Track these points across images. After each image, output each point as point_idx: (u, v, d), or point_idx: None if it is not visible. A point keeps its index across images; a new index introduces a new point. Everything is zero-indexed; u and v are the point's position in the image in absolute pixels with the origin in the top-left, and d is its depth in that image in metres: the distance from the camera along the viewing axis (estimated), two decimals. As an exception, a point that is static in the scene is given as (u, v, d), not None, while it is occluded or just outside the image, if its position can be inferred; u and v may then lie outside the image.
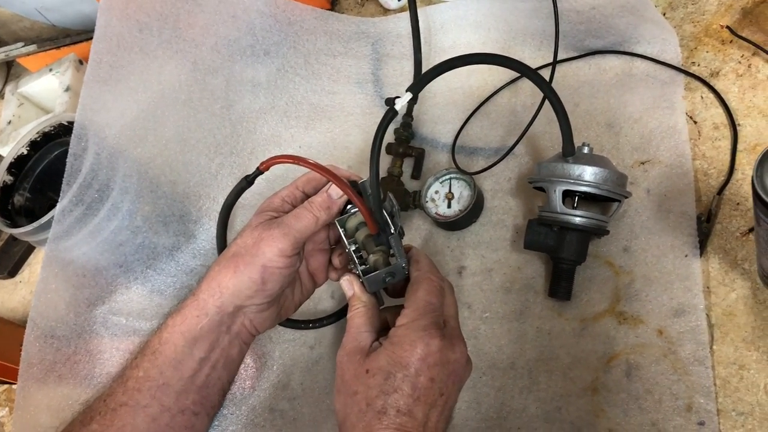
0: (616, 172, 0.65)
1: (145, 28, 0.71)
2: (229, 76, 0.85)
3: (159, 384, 0.62)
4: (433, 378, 0.53)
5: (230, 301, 0.61)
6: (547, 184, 0.67)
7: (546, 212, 0.67)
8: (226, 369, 0.65)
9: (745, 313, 0.62)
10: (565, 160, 0.65)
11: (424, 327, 0.55)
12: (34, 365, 0.68)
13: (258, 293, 0.61)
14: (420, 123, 0.86)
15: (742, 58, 0.72)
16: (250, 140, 0.89)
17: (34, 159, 0.82)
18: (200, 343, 0.62)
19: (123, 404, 0.62)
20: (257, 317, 0.64)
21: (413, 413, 0.52)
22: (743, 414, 0.58)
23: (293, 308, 0.69)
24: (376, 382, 0.53)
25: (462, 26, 0.88)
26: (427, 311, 0.56)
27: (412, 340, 0.54)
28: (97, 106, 0.69)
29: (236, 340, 0.64)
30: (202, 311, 0.62)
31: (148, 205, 0.75)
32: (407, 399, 0.52)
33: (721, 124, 0.70)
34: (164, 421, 0.61)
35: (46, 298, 0.69)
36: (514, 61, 0.62)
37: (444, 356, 0.54)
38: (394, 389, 0.52)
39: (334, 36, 0.93)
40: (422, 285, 0.58)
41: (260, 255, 0.60)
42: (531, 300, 0.71)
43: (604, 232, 0.67)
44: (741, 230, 0.65)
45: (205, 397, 0.63)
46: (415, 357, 0.53)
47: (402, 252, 0.60)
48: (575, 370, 0.66)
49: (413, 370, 0.53)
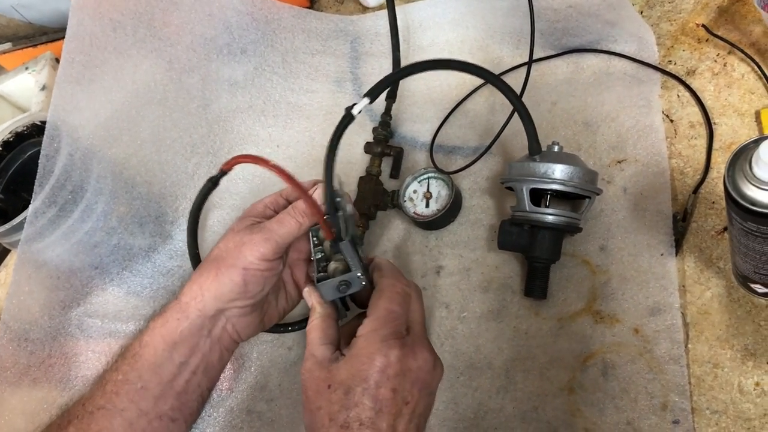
0: (586, 169, 0.65)
1: (119, 27, 0.70)
2: (206, 75, 0.84)
3: (137, 388, 0.61)
4: (395, 389, 0.53)
5: (212, 304, 0.61)
6: (515, 183, 0.67)
7: (516, 212, 0.68)
8: (206, 375, 0.64)
9: (720, 311, 0.62)
10: (533, 159, 0.66)
11: (383, 337, 0.54)
12: (7, 369, 0.68)
13: (240, 296, 0.61)
14: (399, 122, 0.86)
15: (718, 56, 0.72)
16: (227, 140, 0.88)
17: (7, 159, 0.81)
18: (180, 347, 0.62)
19: (101, 407, 0.61)
20: (239, 322, 0.63)
21: (377, 425, 0.52)
22: (717, 412, 0.59)
23: (277, 316, 0.68)
24: (337, 397, 0.53)
25: (440, 24, 0.88)
26: (388, 320, 0.56)
27: (371, 353, 0.54)
28: (70, 106, 0.68)
29: (217, 346, 0.63)
30: (183, 314, 0.62)
31: (124, 206, 0.74)
32: (369, 412, 0.52)
33: (697, 123, 0.70)
34: (141, 426, 0.61)
35: (19, 300, 0.68)
36: (476, 66, 0.62)
37: (404, 365, 0.54)
38: (354, 404, 0.52)
39: (312, 34, 0.92)
40: (384, 293, 0.58)
41: (242, 258, 0.60)
42: (508, 299, 0.71)
43: (577, 229, 0.67)
44: (716, 229, 0.65)
45: (183, 403, 0.63)
46: (374, 369, 0.53)
47: (356, 260, 0.59)
48: (552, 370, 0.66)
49: (372, 383, 0.53)
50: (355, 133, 0.87)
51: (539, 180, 0.65)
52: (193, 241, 0.70)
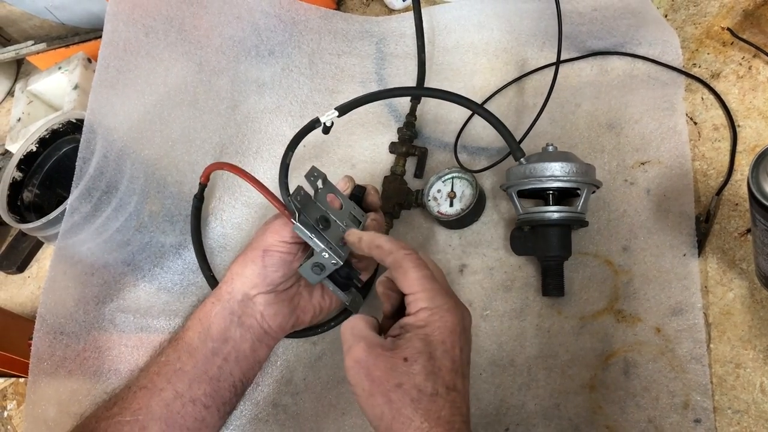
0: (576, 163, 0.66)
1: (152, 32, 0.72)
2: (234, 76, 0.86)
3: (176, 369, 0.65)
4: (462, 347, 0.54)
5: (239, 288, 0.66)
6: (507, 189, 0.70)
7: (517, 216, 0.70)
8: (238, 365, 0.66)
9: (743, 312, 0.62)
10: (519, 163, 0.68)
11: (443, 301, 0.54)
12: (44, 361, 0.70)
13: (261, 278, 0.65)
14: (423, 122, 0.87)
15: (743, 60, 0.73)
16: (255, 140, 0.90)
17: (43, 156, 0.84)
18: (213, 331, 0.65)
19: (143, 387, 0.65)
20: (267, 311, 0.66)
21: (457, 386, 0.52)
22: (739, 412, 0.59)
23: (312, 311, 0.70)
24: (420, 366, 0.51)
25: (465, 27, 0.89)
26: (433, 285, 0.54)
27: (441, 316, 0.53)
28: (105, 110, 0.70)
29: (248, 335, 0.66)
30: (216, 298, 0.67)
31: (156, 204, 0.76)
32: (452, 374, 0.52)
33: (720, 126, 0.71)
34: (176, 408, 0.63)
35: (55, 295, 0.70)
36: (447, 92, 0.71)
37: (463, 323, 0.55)
38: (438, 368, 0.51)
39: (338, 35, 0.94)
40: (405, 263, 0.56)
41: (263, 241, 0.65)
42: (531, 298, 0.72)
43: (582, 223, 0.69)
44: (739, 230, 0.65)
45: (216, 390, 0.65)
46: (448, 330, 0.53)
47: (320, 240, 0.62)
48: (574, 368, 0.67)
49: (449, 343, 0.52)
50: (379, 133, 0.88)
51: (524, 181, 0.67)
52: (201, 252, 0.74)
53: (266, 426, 0.75)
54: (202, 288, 0.82)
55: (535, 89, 0.83)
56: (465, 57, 0.88)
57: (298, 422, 0.74)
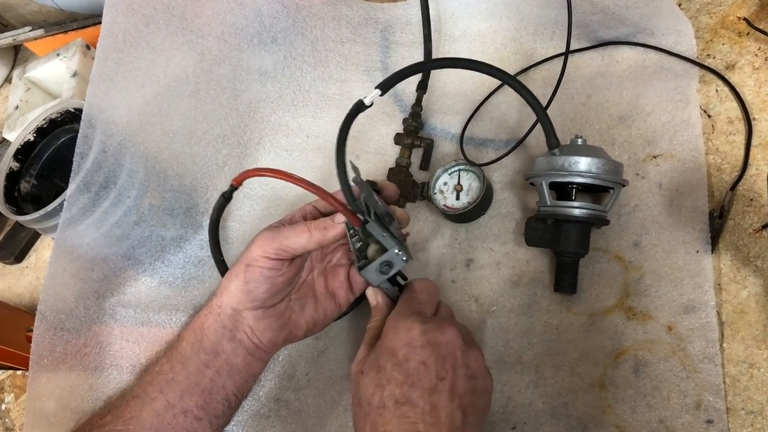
0: (609, 160, 0.65)
1: (152, 22, 0.70)
2: (236, 65, 0.84)
3: (168, 379, 0.63)
4: (424, 361, 0.52)
5: (227, 302, 0.63)
6: (536, 178, 0.67)
7: (540, 207, 0.68)
8: (230, 378, 0.64)
9: (757, 311, 0.61)
10: (552, 153, 0.66)
11: (406, 315, 0.55)
12: (44, 357, 0.69)
13: (244, 294, 0.61)
14: (429, 113, 0.85)
15: (759, 50, 0.71)
16: (258, 130, 0.88)
17: (41, 145, 0.82)
18: (205, 343, 0.63)
19: (135, 396, 0.64)
20: (257, 326, 0.63)
21: (412, 400, 0.51)
22: (753, 413, 0.58)
23: (305, 325, 0.67)
24: (370, 379, 0.53)
25: (473, 15, 0.87)
26: (412, 303, 0.57)
27: (395, 328, 0.54)
28: (104, 104, 0.68)
29: (240, 349, 0.64)
30: (209, 310, 0.64)
31: (156, 197, 0.75)
32: (402, 387, 0.51)
33: (735, 119, 0.69)
34: (167, 419, 0.62)
35: (55, 291, 0.69)
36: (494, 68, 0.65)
37: (431, 338, 0.53)
38: (387, 380, 0.52)
39: (342, 21, 0.92)
40: (409, 287, 0.62)
41: (247, 255, 0.61)
42: (539, 294, 0.70)
43: (604, 221, 0.67)
44: (754, 227, 0.64)
45: (208, 402, 0.63)
46: (400, 343, 0.53)
47: (389, 238, 0.59)
48: (583, 366, 0.66)
49: (401, 356, 0.52)
50: (384, 124, 0.86)
51: (557, 173, 0.65)
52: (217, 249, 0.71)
53: (268, 421, 0.74)
54: (203, 282, 0.81)
55: (544, 80, 0.81)
56: (472, 46, 0.86)
57: (301, 418, 0.73)
